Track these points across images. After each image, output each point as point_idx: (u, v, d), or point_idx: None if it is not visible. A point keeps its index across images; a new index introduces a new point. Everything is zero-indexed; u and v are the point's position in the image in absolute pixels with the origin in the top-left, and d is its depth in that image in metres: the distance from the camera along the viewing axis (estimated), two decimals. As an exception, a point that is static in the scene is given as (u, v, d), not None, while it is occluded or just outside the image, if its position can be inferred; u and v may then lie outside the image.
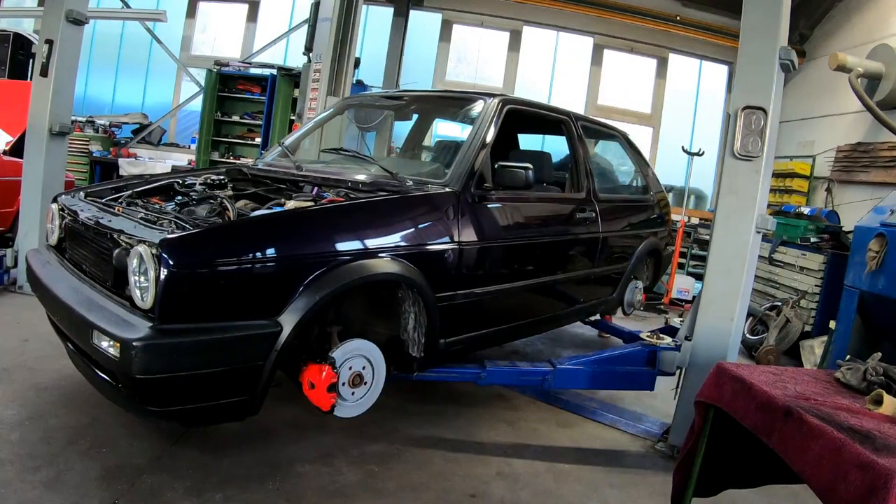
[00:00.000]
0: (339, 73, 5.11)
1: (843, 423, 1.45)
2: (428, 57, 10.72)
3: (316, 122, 3.79)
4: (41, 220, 4.23)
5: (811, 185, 7.23)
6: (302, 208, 2.29)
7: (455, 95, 3.80)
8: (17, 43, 8.63)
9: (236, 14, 10.93)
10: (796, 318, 5.01)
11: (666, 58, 10.38)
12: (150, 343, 1.77)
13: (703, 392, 1.93)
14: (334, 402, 2.15)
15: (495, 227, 2.79)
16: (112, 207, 2.42)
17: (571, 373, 2.96)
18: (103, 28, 10.54)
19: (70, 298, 2.10)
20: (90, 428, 2.49)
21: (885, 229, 3.71)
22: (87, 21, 4.45)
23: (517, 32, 10.66)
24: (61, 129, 4.35)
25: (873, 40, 6.36)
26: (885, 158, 6.00)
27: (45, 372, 2.96)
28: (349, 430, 2.74)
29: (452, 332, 2.61)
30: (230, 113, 9.29)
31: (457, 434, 2.91)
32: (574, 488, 2.51)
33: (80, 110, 9.70)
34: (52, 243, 2.67)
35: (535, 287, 3.16)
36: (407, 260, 2.32)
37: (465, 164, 2.67)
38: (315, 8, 5.47)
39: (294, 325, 1.98)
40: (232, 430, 2.62)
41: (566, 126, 3.56)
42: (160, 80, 10.85)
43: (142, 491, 2.12)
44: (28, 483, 2.07)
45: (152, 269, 1.80)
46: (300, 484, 2.31)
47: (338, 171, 2.86)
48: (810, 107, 7.47)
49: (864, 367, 1.80)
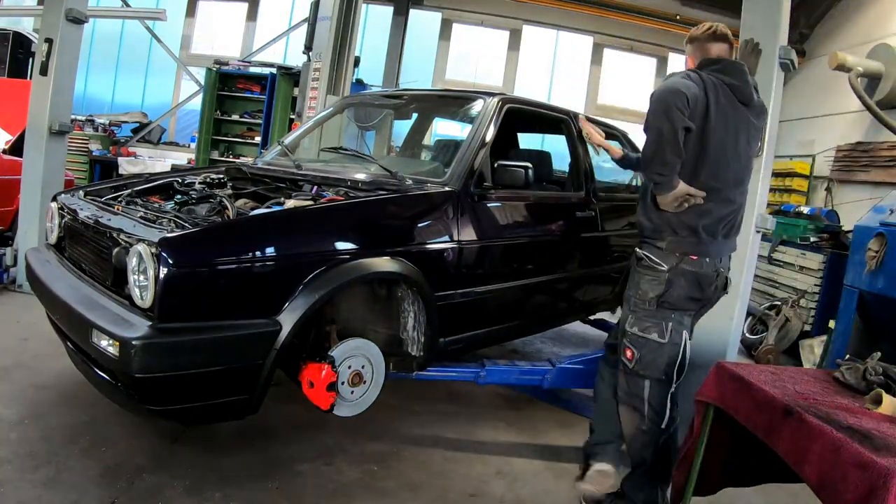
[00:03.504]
0: (339, 71, 5.10)
1: (843, 423, 1.45)
2: (428, 56, 10.72)
3: (315, 121, 3.78)
4: (41, 219, 4.23)
5: (811, 185, 7.23)
6: (301, 207, 2.28)
7: (455, 94, 3.80)
8: (17, 42, 8.62)
9: (236, 13, 10.93)
10: (796, 317, 5.01)
11: (666, 57, 10.39)
12: (150, 342, 1.77)
13: (703, 391, 1.93)
14: (334, 401, 2.15)
15: (495, 226, 2.79)
16: (111, 206, 2.41)
17: (571, 372, 2.96)
18: (103, 27, 10.54)
19: (69, 297, 2.10)
20: (90, 427, 2.49)
21: (885, 229, 3.71)
22: (87, 20, 4.45)
23: (517, 31, 10.65)
24: (61, 127, 4.35)
25: (873, 40, 6.35)
26: (884, 158, 6.00)
27: (44, 371, 2.96)
28: (349, 429, 2.74)
29: (452, 330, 2.61)
30: (230, 112, 9.28)
31: (456, 433, 2.91)
32: (573, 487, 2.51)
33: (80, 109, 9.70)
34: (51, 242, 2.67)
35: (534, 286, 3.16)
36: (406, 259, 2.32)
37: (464, 163, 2.67)
38: (315, 7, 5.46)
39: (293, 324, 1.98)
40: (231, 429, 2.62)
41: (566, 125, 3.56)
42: (160, 79, 10.85)
43: (141, 490, 2.12)
44: (27, 482, 2.07)
45: (152, 267, 1.80)
46: (300, 483, 2.31)
47: (337, 170, 2.86)
48: (810, 106, 7.46)
49: (864, 367, 1.80)
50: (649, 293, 2.17)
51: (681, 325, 2.18)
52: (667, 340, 2.16)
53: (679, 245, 2.16)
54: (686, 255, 2.15)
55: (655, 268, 2.17)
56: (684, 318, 2.20)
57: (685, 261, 2.15)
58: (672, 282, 2.14)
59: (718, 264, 2.22)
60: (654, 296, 2.16)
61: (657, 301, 2.16)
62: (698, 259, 2.15)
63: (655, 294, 2.15)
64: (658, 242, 2.19)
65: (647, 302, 2.17)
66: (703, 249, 2.16)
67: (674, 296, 2.15)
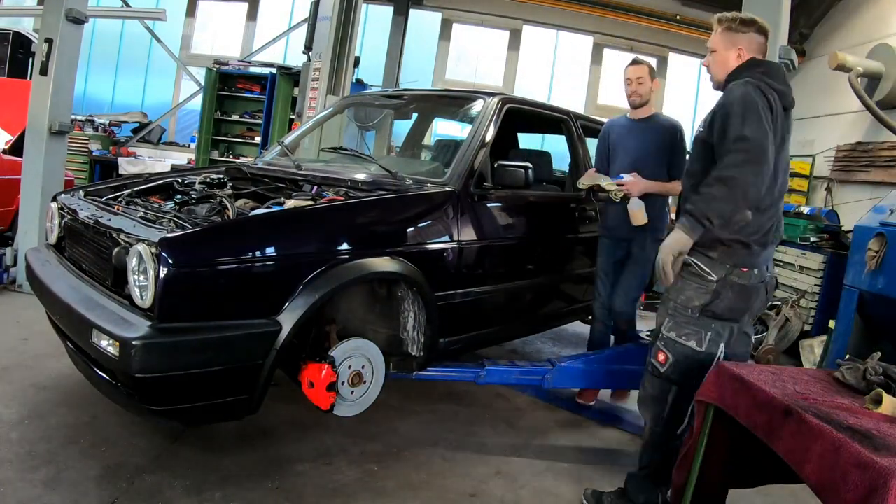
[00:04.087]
0: (339, 71, 5.10)
1: (843, 423, 1.45)
2: (428, 56, 10.73)
3: (315, 121, 3.79)
4: (41, 219, 4.23)
5: (811, 185, 7.22)
6: (301, 207, 2.28)
7: (455, 94, 3.80)
8: (17, 42, 8.62)
9: (236, 13, 10.94)
10: (796, 317, 5.01)
11: (666, 57, 10.38)
12: (150, 342, 1.77)
13: (703, 391, 1.93)
14: (334, 401, 2.15)
15: (495, 226, 2.79)
16: (111, 206, 2.41)
17: (571, 372, 2.96)
18: (103, 27, 10.55)
19: (69, 297, 2.10)
20: (90, 427, 2.49)
21: (885, 229, 3.70)
22: (87, 20, 4.45)
23: (517, 31, 10.65)
24: (61, 127, 4.35)
25: (873, 40, 6.34)
26: (884, 158, 5.99)
27: (44, 371, 2.96)
28: (349, 429, 2.74)
29: (452, 331, 2.61)
30: (230, 112, 9.28)
31: (456, 433, 2.91)
32: (573, 487, 2.51)
33: (80, 109, 9.70)
34: (51, 242, 2.67)
35: (534, 286, 3.16)
36: (406, 259, 2.32)
37: (464, 163, 2.67)
38: (315, 7, 5.46)
39: (293, 324, 1.98)
40: (231, 429, 2.62)
41: (566, 125, 3.56)
42: (160, 79, 10.86)
43: (141, 489, 2.12)
44: (27, 482, 2.07)
45: (151, 267, 1.80)
46: (300, 482, 2.31)
47: (337, 170, 2.86)
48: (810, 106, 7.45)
49: (864, 367, 1.80)
50: (694, 301, 2.10)
51: (719, 336, 2.13)
52: (703, 349, 2.11)
53: (731, 256, 2.08)
54: (737, 268, 2.07)
55: (704, 276, 2.08)
56: (724, 329, 2.14)
57: (735, 273, 2.07)
58: (720, 293, 2.07)
59: (766, 272, 2.16)
60: (698, 304, 2.10)
61: (700, 309, 2.10)
62: (748, 271, 2.08)
63: (701, 303, 2.09)
64: (710, 252, 2.09)
65: (691, 309, 2.11)
66: (754, 261, 2.09)
67: (720, 307, 2.09)
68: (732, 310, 2.11)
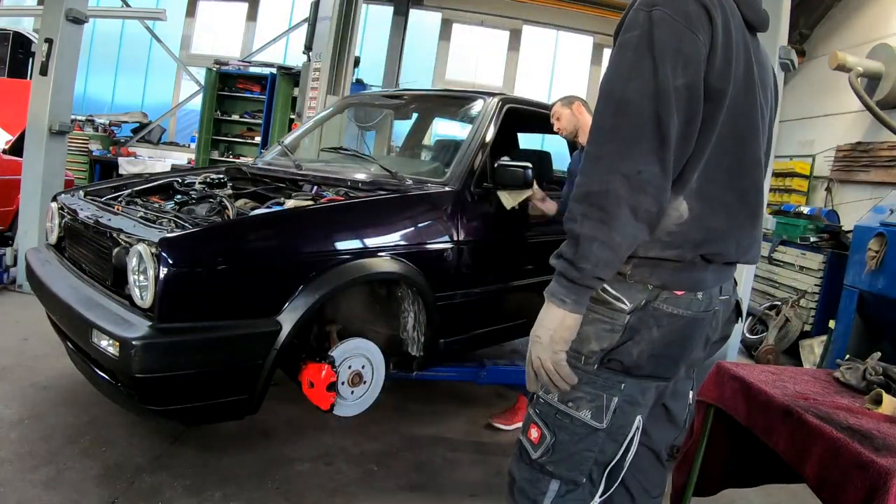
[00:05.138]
0: (339, 72, 5.10)
1: (843, 423, 1.45)
2: (428, 56, 10.73)
3: (315, 121, 3.78)
4: (41, 219, 4.23)
5: (811, 185, 7.23)
6: (301, 207, 2.28)
7: (455, 94, 3.80)
8: (17, 42, 8.62)
9: (236, 13, 10.94)
10: (796, 317, 5.01)
11: (666, 57, 10.36)
12: (150, 342, 1.77)
13: (703, 391, 1.93)
14: (334, 401, 2.14)
15: (495, 226, 2.79)
16: (111, 206, 2.41)
17: (571, 372, 2.95)
18: (103, 27, 10.55)
19: (69, 297, 2.10)
20: (90, 427, 2.49)
21: (885, 229, 3.71)
22: (87, 20, 4.45)
23: (517, 32, 10.65)
24: (61, 127, 4.35)
25: (873, 40, 6.35)
26: (884, 158, 6.00)
27: (44, 371, 2.96)
28: (348, 429, 2.74)
29: (452, 331, 2.60)
30: (230, 112, 9.28)
31: (456, 433, 2.91)
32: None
33: (80, 109, 9.70)
34: (51, 242, 2.67)
35: (534, 286, 3.16)
36: (406, 259, 2.32)
37: (464, 163, 2.67)
38: (315, 7, 5.46)
39: (293, 324, 1.98)
40: (231, 429, 2.62)
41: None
42: (160, 79, 10.86)
43: (141, 489, 2.12)
44: (27, 482, 2.07)
45: (151, 267, 1.80)
46: (300, 482, 2.31)
47: (337, 170, 2.86)
48: (810, 106, 7.46)
49: (864, 367, 1.80)
50: (591, 343, 1.21)
51: (634, 406, 1.26)
52: (604, 426, 1.23)
53: (653, 272, 1.21)
54: (666, 290, 1.20)
55: (610, 305, 1.21)
56: (645, 393, 1.27)
57: (662, 298, 1.20)
58: (636, 331, 1.20)
59: (717, 296, 1.29)
60: (597, 349, 1.21)
61: (602, 358, 1.22)
62: (684, 295, 1.21)
63: (602, 346, 1.21)
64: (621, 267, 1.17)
65: (584, 357, 1.22)
66: (697, 279, 1.23)
67: (635, 353, 1.20)
68: (657, 359, 1.22)
